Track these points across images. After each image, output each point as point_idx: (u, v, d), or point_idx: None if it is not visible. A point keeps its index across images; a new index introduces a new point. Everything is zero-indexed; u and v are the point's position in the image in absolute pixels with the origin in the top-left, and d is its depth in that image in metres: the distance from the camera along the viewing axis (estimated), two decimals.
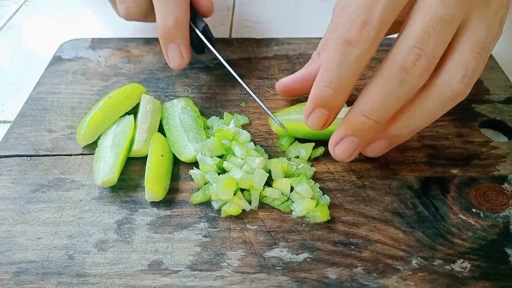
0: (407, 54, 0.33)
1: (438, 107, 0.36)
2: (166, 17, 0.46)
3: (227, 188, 0.38)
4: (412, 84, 0.34)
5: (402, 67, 0.33)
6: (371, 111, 0.35)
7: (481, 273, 0.34)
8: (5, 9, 0.73)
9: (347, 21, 0.33)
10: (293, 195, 0.40)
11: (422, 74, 0.34)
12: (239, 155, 0.42)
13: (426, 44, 0.33)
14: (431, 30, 0.33)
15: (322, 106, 0.36)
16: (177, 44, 0.48)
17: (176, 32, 0.47)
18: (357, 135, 0.36)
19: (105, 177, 0.40)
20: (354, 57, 0.34)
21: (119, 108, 0.46)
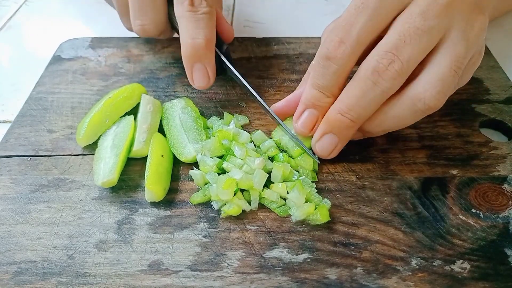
0: (381, 58, 0.36)
1: (408, 115, 0.38)
2: (196, 36, 0.45)
3: (227, 189, 0.38)
4: (385, 87, 0.36)
5: (375, 70, 0.36)
6: (347, 110, 0.38)
7: (481, 274, 0.34)
8: (5, 9, 0.73)
9: (327, 39, 0.38)
10: (289, 201, 0.39)
11: (394, 78, 0.36)
12: (239, 155, 0.41)
13: (401, 50, 0.35)
14: (408, 38, 0.35)
15: (313, 106, 0.41)
16: (205, 64, 0.46)
17: (205, 52, 0.45)
18: (335, 132, 0.40)
19: (105, 178, 0.40)
20: (332, 71, 0.38)
21: (119, 108, 0.46)
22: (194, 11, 0.45)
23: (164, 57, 0.58)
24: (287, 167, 0.41)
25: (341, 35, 0.37)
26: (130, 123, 0.45)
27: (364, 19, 0.37)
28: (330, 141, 0.41)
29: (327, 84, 0.39)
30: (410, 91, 0.37)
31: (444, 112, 0.48)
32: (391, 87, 0.36)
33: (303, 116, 0.42)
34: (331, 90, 0.40)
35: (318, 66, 0.39)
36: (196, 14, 0.45)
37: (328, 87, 0.39)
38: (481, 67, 0.53)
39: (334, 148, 0.41)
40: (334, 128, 0.40)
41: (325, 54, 0.38)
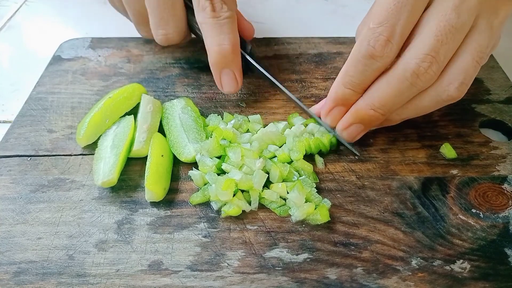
0: (421, 61, 0.36)
1: (432, 105, 0.40)
2: (221, 42, 0.45)
3: (226, 190, 0.38)
4: (421, 87, 0.38)
5: (414, 73, 0.37)
6: (380, 106, 0.39)
7: (481, 274, 0.34)
8: (5, 9, 0.73)
9: (371, 37, 0.37)
10: (289, 201, 0.39)
11: (432, 78, 0.37)
12: (234, 159, 0.41)
13: (438, 51, 0.36)
14: (444, 38, 0.36)
15: (343, 104, 0.42)
16: (232, 68, 0.47)
17: (232, 57, 0.46)
18: (364, 123, 0.42)
19: (105, 178, 0.40)
20: (376, 68, 0.38)
21: (119, 108, 0.46)
22: (217, 17, 0.45)
23: (164, 57, 0.58)
24: (286, 167, 0.41)
25: (386, 33, 0.37)
26: (130, 123, 0.45)
27: (406, 16, 0.37)
28: (357, 129, 0.42)
29: (363, 80, 0.39)
30: (436, 85, 0.38)
31: (444, 112, 0.48)
32: (426, 86, 0.38)
33: (333, 113, 0.43)
34: (363, 87, 0.40)
35: (359, 63, 0.39)
36: (219, 20, 0.45)
37: (363, 84, 0.40)
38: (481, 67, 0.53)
39: (360, 134, 0.43)
40: (364, 120, 0.41)
41: (371, 52, 0.37)
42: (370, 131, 0.44)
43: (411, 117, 0.42)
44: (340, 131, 0.43)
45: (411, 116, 0.42)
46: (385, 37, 0.37)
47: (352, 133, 0.43)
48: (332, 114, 0.43)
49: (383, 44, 0.37)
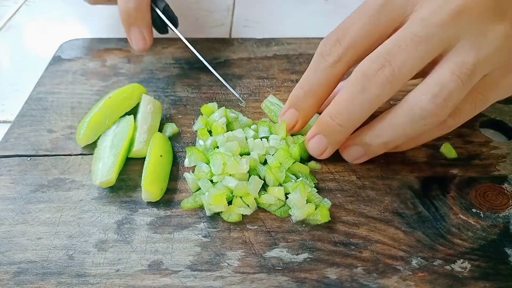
0: (371, 62, 0.35)
1: (407, 122, 0.35)
2: (127, 0, 0.47)
3: (217, 203, 0.38)
4: (373, 93, 0.35)
5: (364, 74, 0.35)
6: (335, 114, 0.38)
7: (481, 273, 0.34)
8: (5, 9, 0.73)
9: (325, 38, 0.39)
10: (289, 201, 0.39)
11: (383, 83, 0.34)
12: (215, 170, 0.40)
13: (394, 55, 0.34)
14: (403, 44, 0.34)
15: (294, 107, 0.42)
16: (139, 26, 0.48)
17: (137, 14, 0.47)
18: (325, 135, 0.40)
19: (103, 178, 0.40)
20: (323, 67, 0.39)
21: (119, 108, 0.46)
22: None
23: (164, 58, 0.58)
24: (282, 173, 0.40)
25: (338, 34, 0.38)
26: (129, 123, 0.45)
27: (362, 23, 0.37)
28: (320, 141, 0.41)
29: (313, 81, 0.40)
30: (408, 97, 0.35)
31: None
32: (380, 93, 0.35)
33: (286, 114, 0.43)
34: (313, 89, 0.40)
35: (311, 63, 0.40)
36: None
37: (312, 85, 0.40)
38: None
39: (324, 149, 0.41)
40: (324, 130, 0.40)
41: (320, 50, 0.39)
42: None
43: (394, 141, 0.38)
44: (306, 141, 0.42)
45: (394, 140, 0.38)
46: (335, 37, 0.38)
47: (315, 146, 0.41)
48: (286, 116, 0.43)
49: (332, 43, 0.38)
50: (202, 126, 0.46)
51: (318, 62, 0.39)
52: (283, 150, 0.41)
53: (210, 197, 0.38)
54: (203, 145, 0.44)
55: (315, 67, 0.40)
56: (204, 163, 0.41)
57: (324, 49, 0.39)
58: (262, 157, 0.42)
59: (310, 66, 0.40)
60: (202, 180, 0.40)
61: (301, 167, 0.42)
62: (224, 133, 0.43)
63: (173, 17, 0.51)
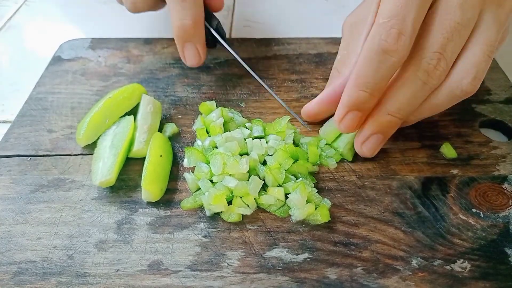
0: (430, 59, 0.37)
1: (446, 102, 0.39)
2: (183, 17, 0.46)
3: (217, 204, 0.38)
4: (433, 84, 0.38)
5: (425, 71, 0.37)
6: (397, 111, 0.39)
7: (481, 273, 0.34)
8: (5, 9, 0.73)
9: (383, 31, 0.36)
10: (289, 201, 0.39)
11: (441, 75, 0.37)
12: (215, 171, 0.40)
13: (445, 48, 0.36)
14: (450, 35, 0.36)
15: (357, 109, 0.39)
16: (194, 43, 0.48)
17: (193, 31, 0.47)
18: (383, 132, 0.41)
19: (103, 178, 0.40)
20: (390, 64, 0.36)
21: (119, 108, 0.46)
22: None
23: (164, 58, 0.58)
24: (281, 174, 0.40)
25: (398, 26, 0.35)
26: (129, 123, 0.45)
27: (415, 9, 0.36)
28: (376, 141, 0.41)
29: (379, 80, 0.37)
30: (449, 81, 0.38)
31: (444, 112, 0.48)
32: (438, 83, 0.38)
33: (347, 118, 0.40)
34: (379, 88, 0.38)
35: (372, 61, 0.37)
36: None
37: (378, 83, 0.37)
38: None
39: (379, 145, 0.42)
40: (383, 128, 0.40)
41: (384, 47, 0.36)
42: None
43: (427, 116, 0.42)
44: (359, 145, 0.41)
45: (427, 115, 0.42)
46: (397, 30, 0.35)
47: (372, 146, 0.41)
48: (346, 120, 0.40)
49: (396, 37, 0.35)
50: (202, 126, 0.46)
51: (382, 60, 0.36)
52: (282, 150, 0.41)
53: (210, 197, 0.38)
54: (201, 145, 0.44)
55: (380, 66, 0.36)
56: (203, 163, 0.41)
57: (387, 45, 0.36)
58: (261, 157, 0.42)
59: (369, 65, 0.37)
60: (202, 180, 0.40)
61: (300, 168, 0.42)
62: (223, 134, 0.43)
63: (223, 33, 0.51)
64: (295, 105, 0.50)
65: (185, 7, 0.46)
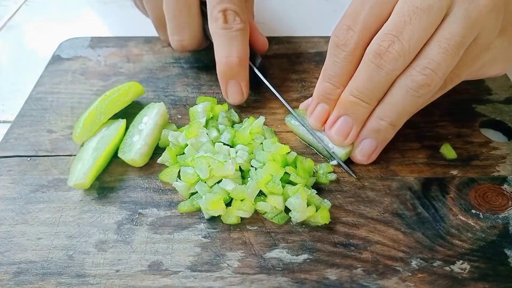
0: (381, 40, 0.37)
1: (403, 98, 0.38)
2: (229, 54, 0.46)
3: (214, 208, 0.37)
4: (388, 69, 0.37)
5: (376, 53, 0.37)
6: (357, 93, 0.39)
7: (481, 274, 0.34)
8: (5, 9, 0.73)
9: (336, 28, 0.39)
10: (290, 204, 0.38)
11: (396, 59, 0.36)
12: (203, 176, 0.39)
13: (400, 31, 0.36)
14: (407, 18, 0.36)
15: (324, 101, 0.42)
16: (238, 81, 0.47)
17: (239, 69, 0.46)
18: (350, 113, 0.40)
19: (78, 180, 0.40)
20: (343, 57, 0.39)
21: (114, 105, 0.46)
22: (228, 29, 0.46)
23: (163, 57, 0.57)
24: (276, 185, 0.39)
25: (348, 22, 0.38)
26: (119, 127, 0.44)
27: (369, 5, 0.37)
28: (345, 123, 0.41)
29: (338, 72, 0.40)
30: (404, 74, 0.37)
31: (444, 112, 0.48)
32: (394, 68, 0.37)
33: (316, 110, 0.43)
34: (341, 79, 0.40)
35: (329, 55, 0.40)
36: (230, 32, 0.46)
37: (339, 75, 0.40)
38: None
39: (350, 130, 0.41)
40: (348, 109, 0.40)
41: (335, 42, 0.39)
42: None
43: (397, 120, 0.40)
44: (328, 130, 0.42)
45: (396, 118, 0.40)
46: (346, 26, 0.38)
47: (340, 128, 0.41)
48: (315, 113, 0.43)
49: (344, 32, 0.38)
50: None
51: (336, 54, 0.39)
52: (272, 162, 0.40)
53: (207, 203, 0.37)
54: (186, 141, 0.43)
55: (335, 59, 0.40)
56: (188, 167, 0.41)
57: (338, 40, 0.39)
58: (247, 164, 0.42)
59: (329, 59, 0.40)
60: (199, 184, 0.40)
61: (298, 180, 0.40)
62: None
63: (266, 72, 0.51)
64: (295, 105, 0.50)
65: (232, 44, 0.46)
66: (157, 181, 0.42)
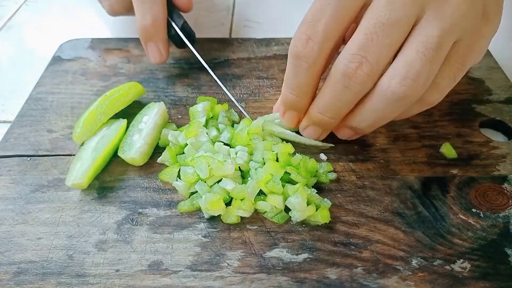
0: (349, 61, 0.35)
1: (384, 107, 0.36)
2: (143, 17, 0.48)
3: (214, 208, 0.37)
4: (356, 89, 0.36)
5: (345, 74, 0.35)
6: (324, 110, 0.39)
7: (481, 273, 0.34)
8: (5, 9, 0.73)
9: (296, 36, 0.37)
10: (290, 204, 0.38)
11: (364, 80, 0.35)
12: (203, 176, 0.39)
13: (368, 51, 0.34)
14: (374, 36, 0.34)
15: (291, 108, 0.42)
16: (156, 41, 0.50)
17: (154, 30, 0.49)
18: (317, 125, 0.41)
19: (76, 180, 0.40)
20: (304, 68, 0.37)
21: (114, 105, 0.46)
22: None
23: None
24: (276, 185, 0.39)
25: (308, 32, 0.36)
26: (120, 127, 0.44)
27: (329, 14, 0.35)
28: (314, 131, 0.42)
29: (300, 83, 0.39)
30: (379, 83, 0.35)
31: (444, 112, 0.48)
32: (362, 88, 0.36)
33: (286, 116, 0.43)
34: (304, 90, 0.39)
35: (290, 64, 0.38)
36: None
37: (301, 87, 0.39)
38: (481, 67, 0.53)
39: (319, 135, 0.43)
40: (316, 123, 0.41)
41: (294, 52, 0.37)
42: None
43: (379, 123, 0.39)
44: (301, 131, 0.43)
45: (379, 122, 0.39)
46: (306, 36, 0.36)
47: (310, 134, 0.43)
48: (286, 118, 0.43)
49: (304, 43, 0.36)
50: None
51: (297, 65, 0.37)
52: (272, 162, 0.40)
53: (207, 202, 0.37)
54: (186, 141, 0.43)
55: (296, 70, 0.38)
56: (188, 166, 0.41)
57: (298, 50, 0.36)
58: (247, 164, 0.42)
59: (290, 70, 0.38)
60: (198, 183, 0.40)
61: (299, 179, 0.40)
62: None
63: (191, 33, 0.52)
64: None
65: (145, 7, 0.48)
66: (157, 181, 0.42)
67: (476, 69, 0.53)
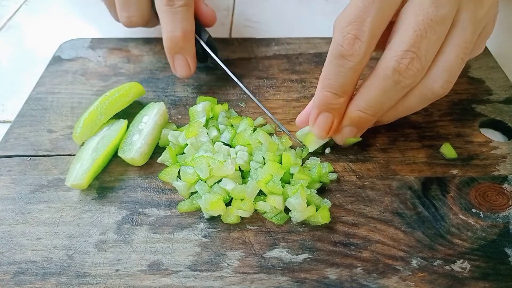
0: (400, 58, 0.36)
1: (418, 104, 0.40)
2: (174, 29, 0.47)
3: (214, 208, 0.37)
4: (406, 84, 0.37)
5: (396, 70, 0.36)
6: (367, 107, 0.39)
7: (481, 273, 0.34)
8: (5, 9, 0.73)
9: (340, 36, 0.37)
10: (290, 204, 0.38)
11: (415, 75, 0.36)
12: (203, 176, 0.39)
13: (418, 47, 0.35)
14: (423, 32, 0.35)
15: (327, 110, 0.40)
16: (184, 55, 0.49)
17: (184, 43, 0.48)
18: (355, 126, 0.41)
19: (75, 181, 0.40)
20: (349, 67, 0.37)
21: (114, 105, 0.46)
22: (171, 5, 0.47)
23: (163, 58, 0.57)
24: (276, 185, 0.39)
25: (354, 31, 0.36)
26: (120, 127, 0.44)
27: (374, 13, 0.36)
28: (349, 133, 0.42)
29: (342, 82, 0.38)
30: (421, 84, 0.38)
31: (444, 112, 0.48)
32: (412, 83, 0.37)
33: (319, 120, 0.41)
34: (345, 89, 0.39)
35: (332, 65, 0.38)
36: (173, 8, 0.47)
37: (342, 86, 0.38)
38: (481, 67, 0.54)
39: (355, 135, 0.42)
40: (354, 122, 0.41)
41: (340, 51, 0.37)
42: (369, 131, 0.44)
43: (402, 116, 0.42)
44: (331, 134, 0.42)
45: (402, 116, 0.42)
46: (352, 35, 0.36)
47: (348, 134, 0.42)
48: (318, 122, 0.41)
49: (351, 42, 0.36)
50: None
51: (341, 65, 0.37)
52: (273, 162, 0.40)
53: (207, 203, 0.37)
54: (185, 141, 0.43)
55: (340, 70, 0.38)
56: (188, 166, 0.41)
57: (344, 50, 0.36)
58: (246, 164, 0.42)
59: (332, 69, 0.38)
60: (198, 183, 0.40)
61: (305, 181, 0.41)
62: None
63: (215, 47, 0.52)
64: (295, 105, 0.50)
65: (176, 20, 0.47)
66: (157, 181, 0.42)
67: (476, 69, 0.53)
